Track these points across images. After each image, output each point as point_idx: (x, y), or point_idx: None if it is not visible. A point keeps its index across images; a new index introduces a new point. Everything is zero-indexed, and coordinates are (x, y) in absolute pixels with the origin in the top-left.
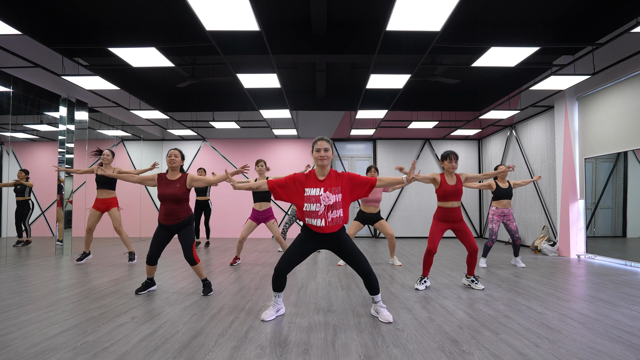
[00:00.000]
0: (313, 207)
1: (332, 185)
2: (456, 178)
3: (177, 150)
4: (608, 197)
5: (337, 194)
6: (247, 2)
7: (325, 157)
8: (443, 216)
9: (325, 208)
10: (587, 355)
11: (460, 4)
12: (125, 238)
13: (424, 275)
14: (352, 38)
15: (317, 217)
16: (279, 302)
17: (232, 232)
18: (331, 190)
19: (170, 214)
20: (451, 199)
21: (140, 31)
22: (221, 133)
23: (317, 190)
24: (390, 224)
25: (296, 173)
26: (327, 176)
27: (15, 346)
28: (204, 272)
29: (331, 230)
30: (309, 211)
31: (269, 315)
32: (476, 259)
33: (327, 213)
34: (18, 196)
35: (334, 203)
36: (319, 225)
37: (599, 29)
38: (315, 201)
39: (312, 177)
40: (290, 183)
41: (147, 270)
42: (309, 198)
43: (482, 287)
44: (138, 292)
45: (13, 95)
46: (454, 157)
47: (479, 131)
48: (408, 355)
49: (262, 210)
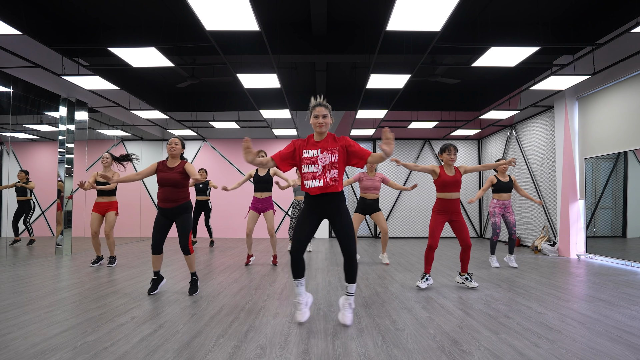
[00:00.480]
0: (311, 167)
1: (329, 146)
2: (455, 170)
3: (177, 139)
4: (608, 197)
5: (334, 154)
6: (247, 2)
7: (324, 123)
8: (442, 207)
9: (323, 168)
10: (587, 355)
11: (460, 4)
12: (112, 243)
13: (426, 272)
14: (352, 38)
15: (315, 178)
16: (302, 292)
17: (233, 232)
18: (328, 151)
19: (168, 197)
20: (450, 189)
21: (140, 31)
22: (221, 133)
23: (315, 152)
24: (390, 224)
25: (294, 139)
26: (324, 138)
27: (15, 346)
28: (194, 265)
29: (330, 190)
30: (307, 172)
31: (303, 315)
32: (469, 256)
33: (325, 173)
34: (19, 195)
35: (329, 163)
36: (317, 186)
37: (599, 29)
38: (313, 162)
39: (310, 140)
40: (292, 149)
41: (153, 262)
42: (307, 160)
43: (477, 284)
44: (150, 293)
45: (13, 95)
46: (453, 149)
47: (479, 131)
48: (408, 355)
49: (263, 199)
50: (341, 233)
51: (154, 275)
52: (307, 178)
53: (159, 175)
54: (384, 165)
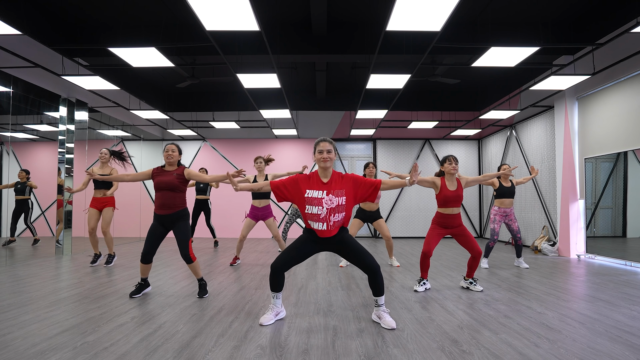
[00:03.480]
0: (315, 209)
1: (335, 188)
2: (457, 183)
3: (174, 146)
4: (608, 197)
5: (341, 197)
6: (247, 2)
7: (328, 158)
8: (442, 222)
9: (327, 211)
10: (587, 355)
11: (460, 4)
12: (110, 240)
13: (423, 277)
14: (352, 38)
15: (318, 221)
16: (278, 305)
17: (233, 232)
18: (334, 194)
19: (165, 203)
20: (451, 205)
21: (140, 31)
22: (221, 133)
23: (320, 193)
24: (390, 224)
25: (298, 174)
26: (330, 178)
27: (15, 346)
28: (200, 271)
29: (333, 233)
30: (311, 214)
31: (267, 319)
32: (478, 263)
33: (329, 216)
34: (18, 195)
35: (337, 206)
36: (320, 229)
37: (599, 29)
38: (317, 204)
39: (315, 179)
40: (293, 184)
41: (142, 270)
42: (311, 200)
43: (481, 288)
44: (132, 295)
45: (13, 95)
46: (453, 159)
47: (479, 131)
48: (408, 355)
49: (261, 207)
50: (355, 258)
51: (141, 280)
52: (310, 219)
53: (155, 179)
54: (382, 167)
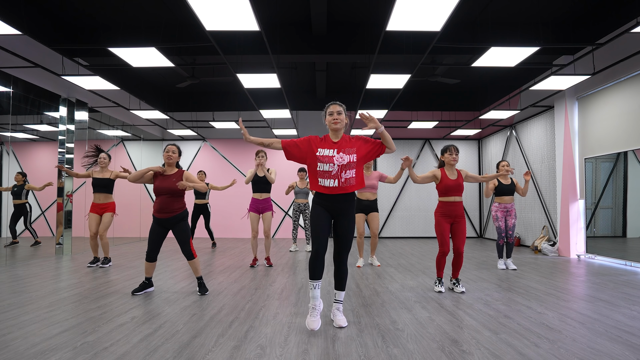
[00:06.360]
0: (326, 167)
1: (346, 146)
2: (457, 173)
3: (175, 147)
4: (608, 197)
5: (352, 154)
6: (247, 2)
7: (339, 120)
8: (445, 211)
9: (338, 168)
10: (587, 355)
11: (460, 4)
12: (105, 244)
13: (439, 276)
14: (352, 38)
15: (330, 177)
16: (317, 296)
17: (233, 232)
18: (345, 151)
19: (164, 207)
20: (453, 193)
21: (140, 31)
22: (221, 133)
23: (331, 151)
24: (390, 224)
25: (311, 135)
26: (340, 139)
27: (15, 346)
28: (199, 269)
29: (344, 191)
30: (322, 171)
31: (316, 323)
32: (461, 262)
33: (340, 173)
34: (15, 199)
35: (347, 163)
36: (331, 186)
37: (599, 29)
38: (329, 161)
39: (326, 140)
40: (306, 143)
41: (146, 269)
42: (322, 158)
43: (463, 289)
44: (135, 293)
45: (13, 95)
46: (454, 149)
47: (479, 131)
48: (408, 355)
49: (262, 200)
50: (341, 235)
51: (145, 279)
52: (321, 176)
53: (155, 184)
54: (383, 167)
